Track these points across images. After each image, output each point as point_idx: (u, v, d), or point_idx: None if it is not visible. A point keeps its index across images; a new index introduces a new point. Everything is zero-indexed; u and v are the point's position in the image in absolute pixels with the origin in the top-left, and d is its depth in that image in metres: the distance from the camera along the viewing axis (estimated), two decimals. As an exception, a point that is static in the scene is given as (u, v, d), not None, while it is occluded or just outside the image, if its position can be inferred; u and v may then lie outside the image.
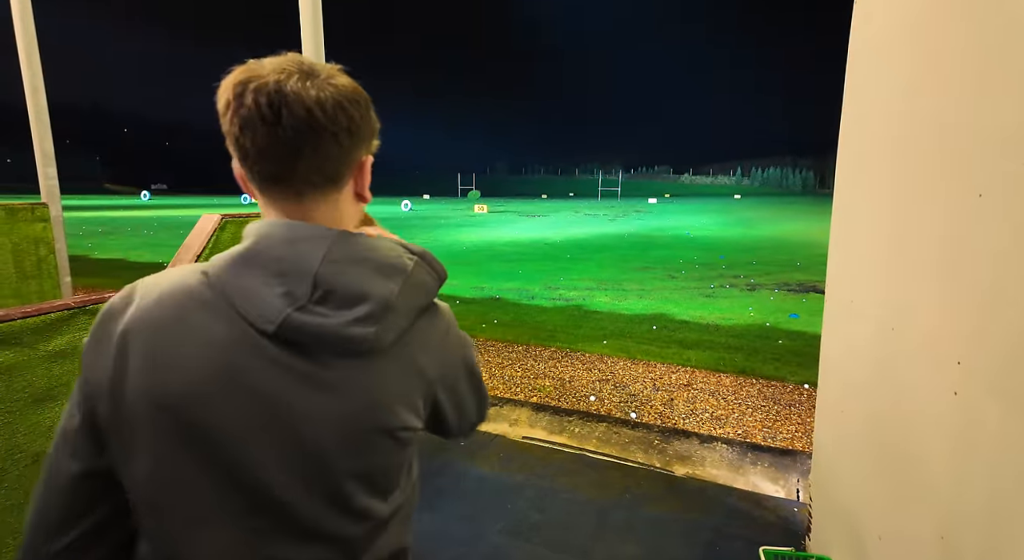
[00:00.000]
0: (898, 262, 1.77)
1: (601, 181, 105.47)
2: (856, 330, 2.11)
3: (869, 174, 2.05)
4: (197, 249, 2.70)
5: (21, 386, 1.91)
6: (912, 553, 1.60)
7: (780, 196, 69.21)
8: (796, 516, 2.88)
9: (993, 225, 1.27)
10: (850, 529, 2.14)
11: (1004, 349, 1.22)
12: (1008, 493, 1.19)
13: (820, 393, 2.49)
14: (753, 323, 7.96)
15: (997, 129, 1.26)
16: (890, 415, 1.78)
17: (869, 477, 1.94)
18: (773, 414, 4.44)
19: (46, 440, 2.03)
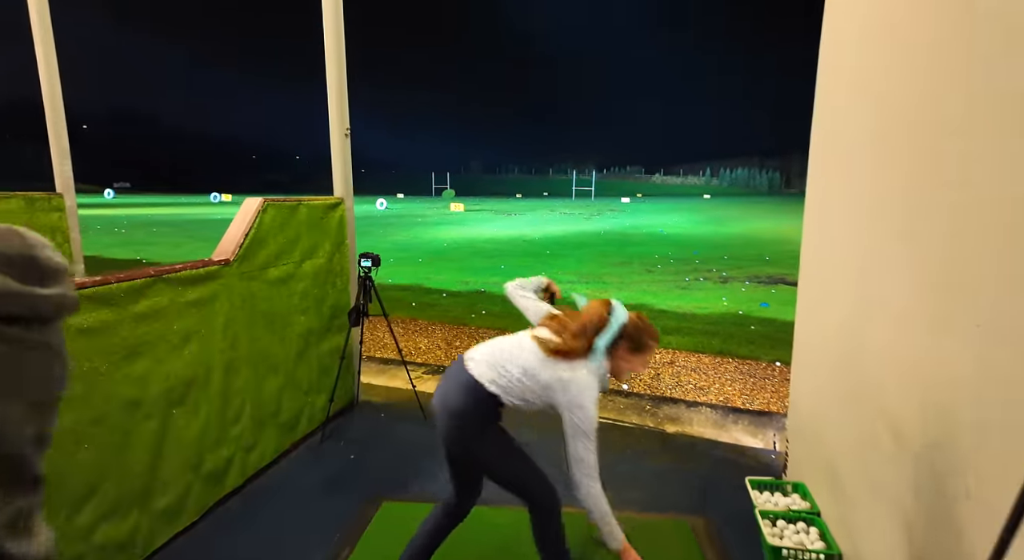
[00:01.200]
0: (865, 236, 2.19)
1: (575, 181, 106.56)
2: (829, 288, 2.55)
3: (838, 172, 2.47)
4: (242, 232, 2.99)
5: (117, 342, 2.19)
6: (870, 468, 2.02)
7: (748, 196, 71.76)
8: (774, 461, 3.33)
9: (950, 217, 1.68)
10: (819, 461, 2.57)
11: (946, 294, 1.63)
12: (949, 410, 1.60)
13: (796, 342, 2.93)
14: (727, 312, 8.48)
15: (959, 126, 1.68)
16: (855, 362, 2.20)
17: (835, 418, 2.37)
18: (750, 385, 4.92)
19: (137, 389, 2.31)
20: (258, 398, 3.11)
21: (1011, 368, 1.22)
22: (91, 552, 2.16)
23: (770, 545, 2.30)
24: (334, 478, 3.16)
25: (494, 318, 7.90)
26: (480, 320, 7.78)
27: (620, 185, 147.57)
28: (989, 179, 1.32)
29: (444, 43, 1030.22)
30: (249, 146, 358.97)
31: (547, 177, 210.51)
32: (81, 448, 2.09)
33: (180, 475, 2.58)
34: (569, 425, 1.81)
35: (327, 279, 3.76)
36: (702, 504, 2.90)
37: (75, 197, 4.92)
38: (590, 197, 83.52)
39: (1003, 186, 1.26)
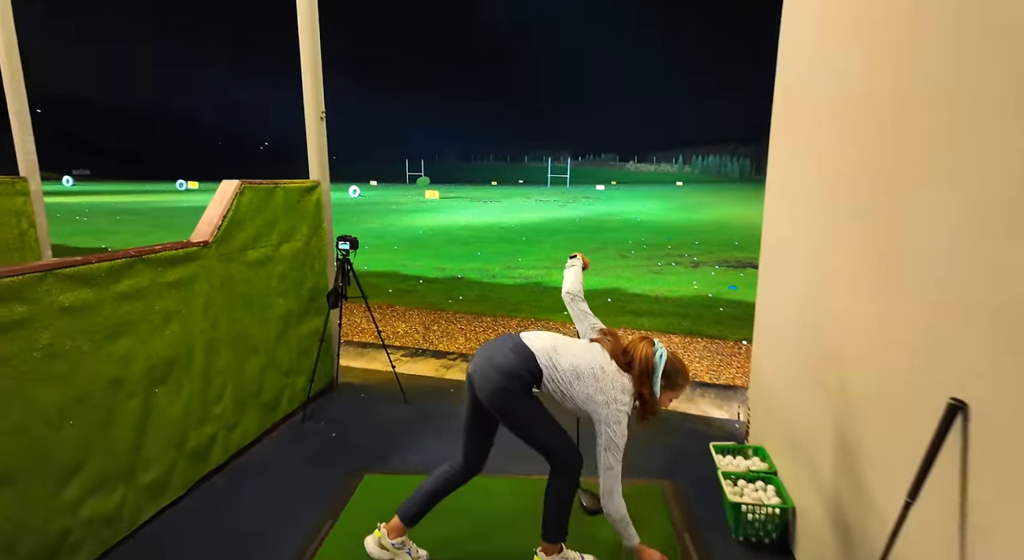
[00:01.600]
0: (822, 211, 2.35)
1: (551, 168, 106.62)
2: (781, 271, 2.71)
3: (798, 149, 2.60)
4: (220, 214, 3.01)
5: (98, 321, 2.22)
6: (818, 429, 2.18)
7: (719, 183, 73.16)
8: (737, 430, 3.53)
9: (911, 191, 1.83)
10: (777, 426, 2.76)
11: (892, 263, 1.78)
12: (893, 374, 1.75)
13: (758, 317, 3.11)
14: (697, 294, 8.74)
15: (918, 102, 1.82)
16: (810, 333, 2.37)
17: (791, 385, 2.54)
18: (717, 361, 5.13)
19: (120, 367, 2.35)
20: (239, 378, 3.15)
21: (959, 337, 1.37)
22: (79, 525, 2.20)
23: (730, 502, 2.48)
24: (316, 455, 3.23)
25: (471, 303, 7.99)
26: (458, 305, 7.86)
27: (595, 172, 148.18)
28: (951, 154, 1.39)
29: (417, 31, 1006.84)
30: (215, 133, 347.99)
31: (522, 164, 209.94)
32: (66, 424, 2.13)
33: (164, 452, 2.62)
34: (604, 437, 2.02)
35: (305, 262, 3.79)
36: (671, 469, 3.08)
37: (40, 181, 4.81)
38: (565, 184, 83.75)
39: (966, 161, 1.37)
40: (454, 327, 6.62)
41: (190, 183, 59.23)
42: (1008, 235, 1.12)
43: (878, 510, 1.63)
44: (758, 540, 2.45)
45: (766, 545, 2.44)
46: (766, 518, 2.41)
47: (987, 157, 1.20)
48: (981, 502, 1.19)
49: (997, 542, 1.14)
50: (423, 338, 6.14)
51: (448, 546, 2.43)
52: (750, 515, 2.41)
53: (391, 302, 8.00)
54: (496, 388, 2.04)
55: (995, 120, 1.17)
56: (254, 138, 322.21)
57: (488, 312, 7.41)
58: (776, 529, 2.42)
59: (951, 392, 1.26)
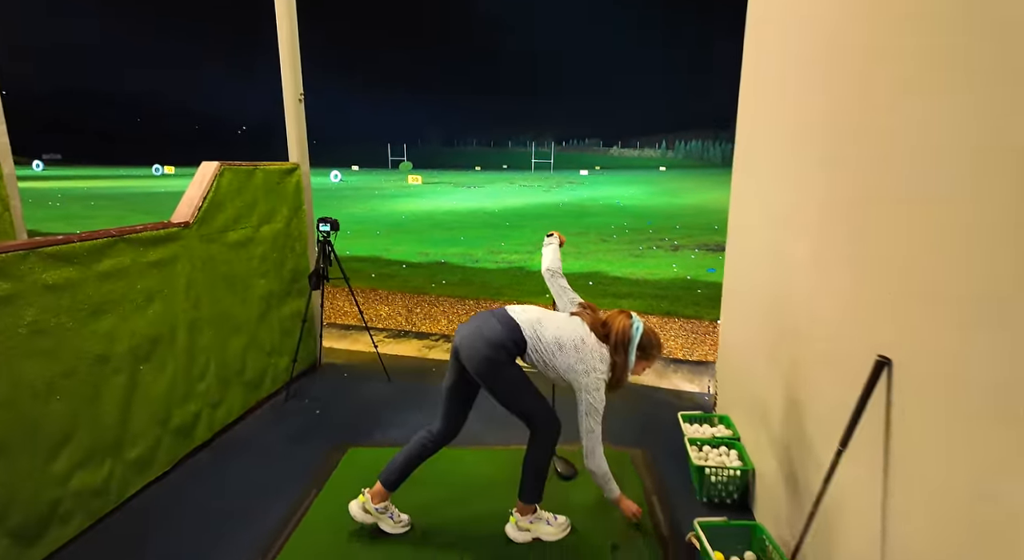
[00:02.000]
0: (772, 203, 2.47)
1: (534, 153, 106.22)
2: (744, 249, 2.84)
3: (765, 103, 2.61)
4: (200, 195, 3.04)
5: (82, 299, 2.28)
6: (774, 394, 2.33)
7: (702, 168, 73.73)
8: (706, 401, 3.69)
9: (879, 142, 1.95)
10: (740, 395, 2.91)
11: (842, 232, 1.91)
12: (853, 330, 1.88)
13: (724, 291, 3.26)
14: (676, 277, 8.92)
15: (888, 52, 1.92)
16: (773, 306, 2.50)
17: (753, 359, 2.68)
18: (691, 340, 5.31)
19: (104, 344, 2.41)
20: (222, 357, 3.21)
21: (885, 300, 1.49)
22: (68, 497, 2.27)
23: (695, 465, 2.63)
24: (300, 431, 3.32)
25: (454, 287, 8.07)
26: (441, 289, 7.93)
27: (579, 158, 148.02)
28: (920, 104, 1.35)
29: (402, 16, 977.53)
30: (191, 117, 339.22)
31: (506, 149, 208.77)
32: (53, 399, 2.19)
33: (150, 428, 2.69)
34: (585, 404, 2.16)
35: (286, 243, 3.83)
36: (641, 438, 3.23)
37: (13, 164, 4.74)
38: (549, 170, 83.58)
39: (936, 111, 1.39)
40: (437, 310, 6.70)
41: (166, 168, 57.85)
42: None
43: (818, 463, 1.77)
44: (720, 501, 2.61)
45: (728, 505, 2.60)
46: (728, 480, 2.57)
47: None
48: (901, 444, 1.33)
49: (913, 479, 1.28)
50: (406, 320, 6.22)
51: (429, 511, 2.55)
52: (713, 477, 2.57)
53: (374, 286, 8.04)
54: (483, 358, 2.15)
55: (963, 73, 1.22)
56: (231, 122, 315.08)
57: (471, 296, 7.50)
58: (737, 490, 2.58)
59: (879, 350, 1.39)
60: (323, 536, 2.39)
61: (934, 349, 1.21)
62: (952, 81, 1.17)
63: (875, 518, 1.41)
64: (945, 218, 1.18)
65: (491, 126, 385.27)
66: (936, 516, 1.19)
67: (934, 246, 1.21)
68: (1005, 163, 1.01)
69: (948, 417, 1.15)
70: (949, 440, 1.14)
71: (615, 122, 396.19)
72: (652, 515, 2.55)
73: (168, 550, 2.33)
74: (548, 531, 2.39)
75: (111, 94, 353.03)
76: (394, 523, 2.40)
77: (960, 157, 1.14)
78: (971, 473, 1.08)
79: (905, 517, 1.30)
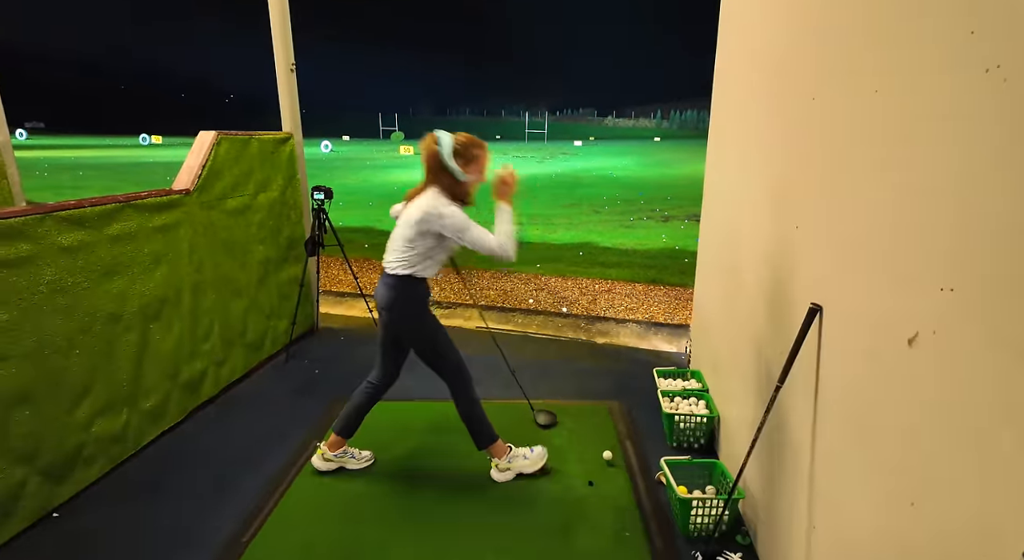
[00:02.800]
0: (738, 180, 2.64)
1: (528, 123, 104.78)
2: (713, 216, 3.03)
3: (726, 128, 2.83)
4: (199, 163, 3.17)
5: (95, 261, 2.44)
6: (733, 345, 2.54)
7: (696, 138, 73.33)
8: (682, 360, 3.93)
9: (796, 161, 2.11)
10: (709, 351, 3.14)
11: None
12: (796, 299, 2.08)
13: (699, 258, 3.46)
14: (665, 247, 9.11)
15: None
16: (732, 265, 2.70)
17: (718, 315, 2.89)
18: (674, 306, 5.54)
19: (115, 304, 2.58)
20: (225, 318, 3.39)
21: (816, 253, 1.68)
22: (91, 442, 2.48)
23: (666, 413, 2.87)
24: (301, 387, 3.54)
25: (446, 256, 8.23)
26: (432, 258, 8.08)
27: (573, 128, 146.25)
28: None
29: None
30: (177, 85, 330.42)
31: (499, 119, 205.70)
32: (73, 353, 2.37)
33: (160, 382, 2.89)
34: (452, 232, 2.21)
35: (281, 211, 3.97)
36: (618, 392, 3.47)
37: (8, 132, 4.80)
38: (543, 140, 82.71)
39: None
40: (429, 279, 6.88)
41: (153, 137, 56.83)
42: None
43: (765, 402, 2.00)
44: (688, 445, 2.86)
45: (695, 449, 2.85)
46: (695, 426, 2.81)
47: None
48: (828, 378, 1.54)
49: (833, 414, 1.50)
50: (399, 288, 6.39)
51: (421, 457, 2.79)
52: (682, 423, 2.81)
53: (368, 256, 8.19)
54: (386, 323, 2.43)
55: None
56: (220, 91, 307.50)
57: (462, 264, 7.67)
58: (704, 435, 2.83)
59: (812, 297, 1.59)
60: (325, 478, 2.62)
61: (853, 296, 1.40)
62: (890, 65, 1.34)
63: (806, 439, 1.64)
64: (863, 189, 1.36)
65: (484, 95, 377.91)
66: (856, 431, 1.40)
67: (852, 212, 1.40)
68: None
69: (864, 357, 1.35)
70: (868, 370, 1.35)
71: (610, 92, 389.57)
72: (626, 457, 2.80)
73: (182, 491, 2.55)
74: (526, 464, 2.62)
75: (94, 59, 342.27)
76: (356, 461, 2.67)
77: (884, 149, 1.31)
78: (881, 393, 1.29)
79: (829, 436, 1.53)
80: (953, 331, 1.00)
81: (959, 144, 1.00)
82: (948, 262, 1.02)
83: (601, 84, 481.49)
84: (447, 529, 2.30)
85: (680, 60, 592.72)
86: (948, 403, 1.02)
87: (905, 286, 1.16)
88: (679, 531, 2.28)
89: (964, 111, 0.99)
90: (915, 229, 1.13)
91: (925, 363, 1.09)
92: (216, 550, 2.17)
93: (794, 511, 1.75)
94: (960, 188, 1.00)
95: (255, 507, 2.42)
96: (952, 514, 1.00)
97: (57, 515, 2.32)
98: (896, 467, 1.19)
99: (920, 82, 1.13)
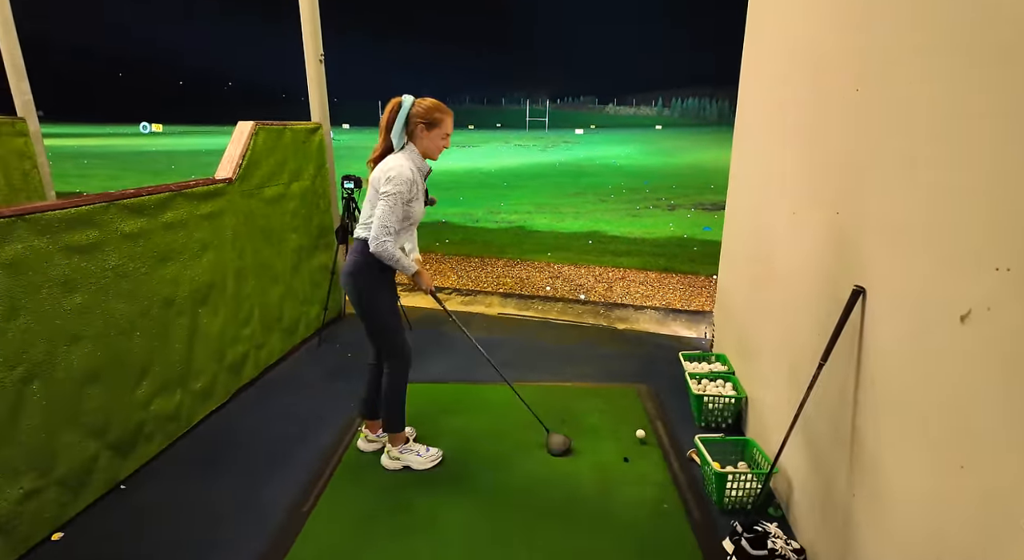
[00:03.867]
0: (763, 166, 2.73)
1: (529, 111, 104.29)
2: (741, 205, 3.13)
3: (756, 115, 2.91)
4: (240, 153, 3.26)
5: (151, 247, 2.54)
6: (762, 328, 2.65)
7: (698, 126, 73.00)
8: (703, 344, 4.05)
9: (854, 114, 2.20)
10: (734, 335, 3.25)
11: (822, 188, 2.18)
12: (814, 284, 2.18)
13: (724, 245, 3.56)
14: (673, 235, 9.20)
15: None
16: (758, 247, 2.80)
17: (745, 301, 3.00)
18: (688, 293, 5.65)
19: (169, 289, 2.69)
20: (264, 304, 3.50)
21: (860, 236, 1.79)
22: (150, 419, 2.60)
23: (695, 394, 2.99)
24: (335, 371, 3.65)
25: (457, 246, 8.32)
26: (444, 248, 8.18)
27: (574, 116, 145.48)
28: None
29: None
30: (175, 72, 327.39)
31: (500, 107, 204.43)
32: (135, 335, 2.48)
33: (208, 364, 3.00)
34: (381, 195, 2.19)
35: (312, 200, 4.06)
36: (645, 376, 3.59)
37: (38, 122, 4.88)
38: (544, 128, 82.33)
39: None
40: (445, 266, 6.99)
41: (154, 126, 56.51)
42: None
43: (799, 384, 2.11)
44: (716, 425, 2.98)
45: (723, 428, 2.98)
46: (723, 407, 2.93)
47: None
48: (871, 356, 1.65)
49: (876, 388, 1.61)
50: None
51: (467, 438, 2.92)
52: (711, 404, 2.93)
53: (381, 244, 8.27)
54: (348, 292, 2.40)
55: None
56: (219, 78, 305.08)
57: (474, 254, 7.78)
58: (732, 415, 2.95)
59: (855, 280, 1.69)
60: (373, 453, 2.74)
61: (899, 278, 1.51)
62: (935, 45, 1.43)
63: (847, 413, 1.75)
64: (900, 183, 1.46)
65: (484, 83, 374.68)
66: (901, 404, 1.52)
67: (900, 195, 1.50)
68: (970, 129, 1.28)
69: (911, 334, 1.46)
70: (915, 347, 1.45)
71: (611, 79, 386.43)
72: (657, 436, 2.92)
73: (236, 467, 2.67)
74: (417, 461, 2.61)
75: (90, 45, 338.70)
76: (423, 459, 2.65)
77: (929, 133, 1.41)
78: (930, 380, 1.39)
79: (872, 409, 1.64)
80: (1009, 309, 1.11)
81: (1017, 120, 1.09)
82: (1004, 243, 1.12)
83: (602, 71, 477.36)
84: (492, 500, 2.43)
85: (681, 48, 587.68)
86: (1001, 376, 1.13)
87: (956, 267, 1.26)
88: (714, 504, 2.40)
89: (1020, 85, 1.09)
90: (967, 210, 1.23)
91: (977, 339, 1.20)
92: (279, 519, 2.30)
93: (833, 481, 1.87)
94: (1018, 168, 1.09)
95: (309, 480, 2.54)
96: (1001, 475, 1.12)
97: (124, 487, 2.45)
98: (944, 434, 1.30)
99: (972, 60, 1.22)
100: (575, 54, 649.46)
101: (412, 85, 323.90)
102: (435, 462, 2.65)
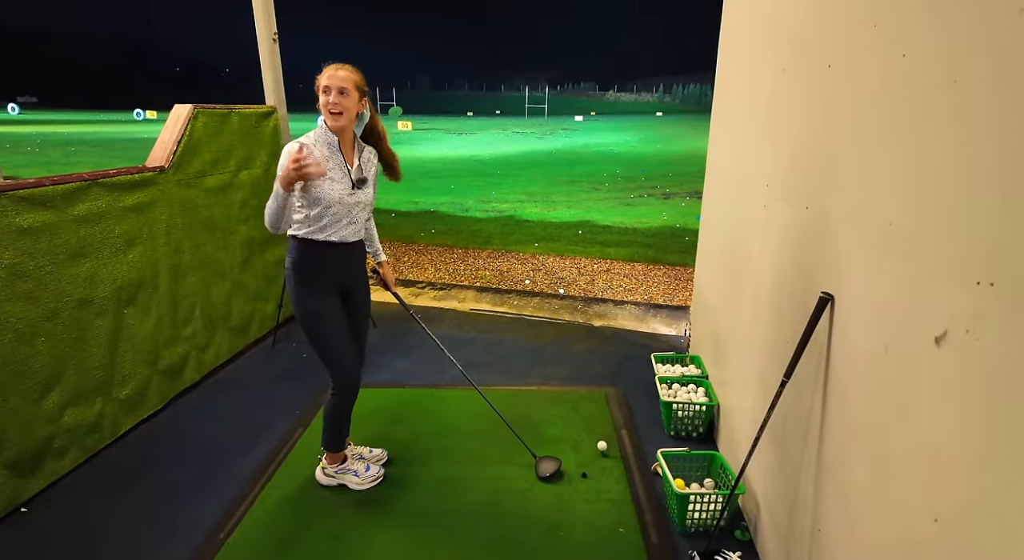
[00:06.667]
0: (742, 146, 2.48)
1: (528, 98, 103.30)
2: (717, 196, 2.87)
3: (730, 107, 2.66)
4: (174, 139, 3.00)
5: (59, 243, 2.29)
6: (735, 333, 2.41)
7: (698, 113, 71.91)
8: (681, 343, 3.82)
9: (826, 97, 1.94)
10: (708, 337, 3.01)
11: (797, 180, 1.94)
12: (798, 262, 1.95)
13: (700, 241, 3.32)
14: (665, 225, 8.94)
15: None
16: (734, 249, 2.56)
17: (720, 301, 2.76)
18: (673, 286, 5.41)
19: (84, 289, 2.44)
20: (208, 301, 3.27)
21: (828, 242, 1.54)
22: (61, 432, 2.37)
23: (664, 401, 2.76)
24: (288, 372, 3.43)
25: (442, 236, 8.07)
26: (430, 238, 7.93)
27: (574, 102, 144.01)
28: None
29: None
30: (172, 59, 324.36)
31: (499, 94, 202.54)
32: (38, 340, 2.24)
33: (138, 368, 2.77)
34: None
35: (265, 190, 3.79)
36: (616, 378, 3.36)
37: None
38: (543, 115, 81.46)
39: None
40: (424, 258, 6.74)
41: (148, 113, 55.86)
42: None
43: (768, 396, 1.88)
44: (687, 434, 2.76)
45: (694, 438, 2.75)
46: (694, 415, 2.70)
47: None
48: (839, 374, 1.41)
49: (846, 400, 1.38)
50: (392, 269, 6.26)
51: (410, 445, 2.69)
52: (680, 412, 2.70)
53: (362, 234, 8.03)
54: None
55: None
56: (216, 63, 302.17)
57: (459, 245, 7.53)
58: (703, 424, 2.72)
59: (823, 286, 1.45)
60: (310, 468, 2.52)
61: (869, 286, 1.27)
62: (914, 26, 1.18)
63: (813, 437, 1.52)
64: (877, 177, 1.21)
65: (484, 69, 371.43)
66: (870, 432, 1.28)
67: (871, 199, 1.25)
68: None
69: (880, 353, 1.22)
70: (884, 368, 1.22)
71: (611, 65, 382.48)
72: (621, 447, 2.70)
73: (166, 479, 2.46)
74: (354, 481, 2.39)
75: (85, 32, 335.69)
76: (360, 479, 2.43)
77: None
78: (904, 412, 1.16)
79: (839, 437, 1.41)
80: (991, 330, 0.87)
81: (1007, 110, 0.85)
82: (990, 253, 0.88)
83: (603, 57, 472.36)
84: (434, 524, 2.21)
85: (686, 33, 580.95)
86: (981, 406, 0.90)
87: (933, 278, 1.02)
88: (675, 526, 2.19)
89: (1012, 70, 0.84)
90: (949, 214, 0.99)
91: (955, 364, 0.96)
92: (193, 546, 2.09)
93: (799, 512, 1.64)
94: (1005, 166, 0.85)
95: (234, 501, 2.32)
96: (984, 533, 0.89)
97: (25, 510, 2.23)
98: (916, 478, 1.07)
99: (959, 44, 0.97)
100: (576, 40, 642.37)
101: (411, 72, 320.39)
102: (374, 482, 2.42)
